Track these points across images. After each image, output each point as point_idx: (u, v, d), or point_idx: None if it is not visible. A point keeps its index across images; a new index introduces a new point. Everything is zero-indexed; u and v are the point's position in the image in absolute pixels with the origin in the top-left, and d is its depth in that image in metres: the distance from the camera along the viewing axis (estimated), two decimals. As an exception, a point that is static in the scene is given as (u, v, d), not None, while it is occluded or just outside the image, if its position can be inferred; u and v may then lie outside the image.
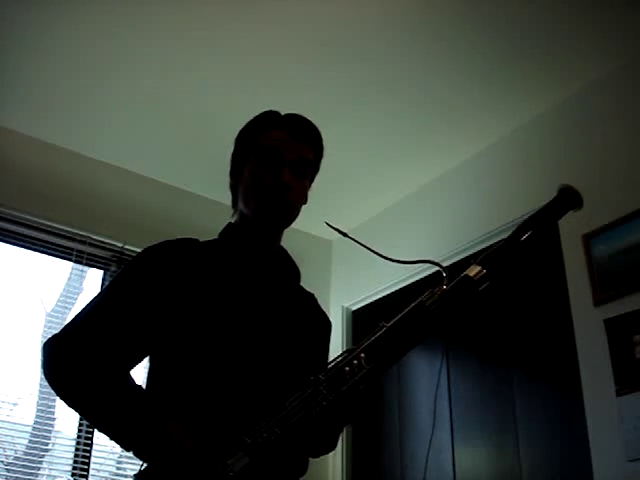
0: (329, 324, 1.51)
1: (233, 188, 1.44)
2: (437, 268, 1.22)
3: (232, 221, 1.44)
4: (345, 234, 1.34)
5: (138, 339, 1.26)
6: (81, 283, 3.40)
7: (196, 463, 1.09)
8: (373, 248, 1.35)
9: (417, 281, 3.34)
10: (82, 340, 1.22)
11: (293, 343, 1.33)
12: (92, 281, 3.39)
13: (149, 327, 1.26)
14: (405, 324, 1.18)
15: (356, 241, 1.34)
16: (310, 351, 1.38)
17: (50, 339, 1.24)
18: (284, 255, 1.45)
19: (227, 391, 1.21)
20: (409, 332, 1.18)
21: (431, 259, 1.27)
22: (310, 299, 1.49)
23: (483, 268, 1.21)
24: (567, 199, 1.26)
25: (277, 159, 1.33)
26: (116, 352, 1.23)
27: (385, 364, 1.17)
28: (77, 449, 3.02)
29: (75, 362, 1.20)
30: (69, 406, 1.21)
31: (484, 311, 3.01)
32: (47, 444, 3.07)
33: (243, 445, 1.08)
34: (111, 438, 1.19)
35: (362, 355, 1.15)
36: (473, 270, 1.21)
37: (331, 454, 1.58)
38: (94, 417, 1.19)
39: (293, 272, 1.45)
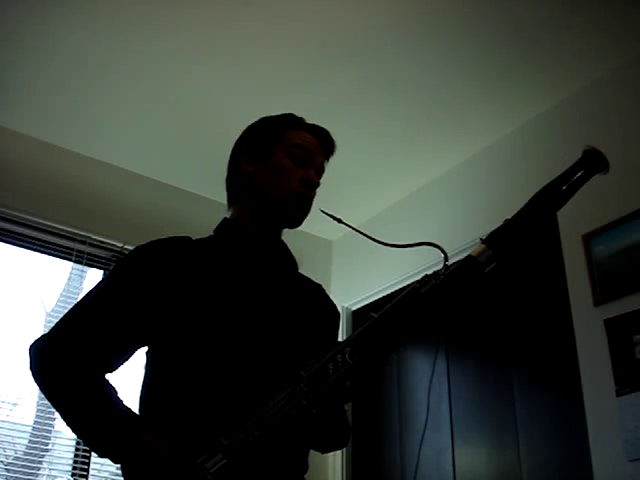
0: (337, 314, 1.49)
1: (243, 174, 1.40)
2: (439, 267, 1.16)
3: (228, 216, 1.42)
4: (339, 220, 1.32)
5: (123, 339, 1.25)
6: (81, 283, 3.40)
7: (171, 470, 1.08)
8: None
9: (418, 280, 3.33)
10: (65, 343, 1.22)
11: (296, 334, 1.30)
12: (92, 281, 3.39)
13: (136, 326, 1.25)
14: (396, 314, 1.10)
15: (351, 227, 1.32)
16: (317, 341, 1.34)
17: (35, 341, 1.24)
18: (282, 247, 1.44)
19: (227, 388, 1.20)
20: (399, 322, 1.10)
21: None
22: (317, 289, 1.48)
23: (489, 247, 1.11)
24: (592, 162, 1.12)
25: (308, 160, 1.37)
26: (99, 354, 1.23)
27: (372, 358, 1.10)
28: (77, 449, 3.03)
29: (56, 366, 1.20)
30: (53, 407, 1.22)
31: (484, 311, 3.01)
32: (47, 444, 3.07)
33: (221, 446, 1.05)
34: (86, 444, 1.19)
35: (347, 349, 1.09)
36: (478, 250, 1.11)
37: (331, 454, 1.57)
38: (71, 422, 1.19)
39: (290, 262, 1.44)
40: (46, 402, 3.04)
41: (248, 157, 1.40)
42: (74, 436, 3.05)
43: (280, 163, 1.36)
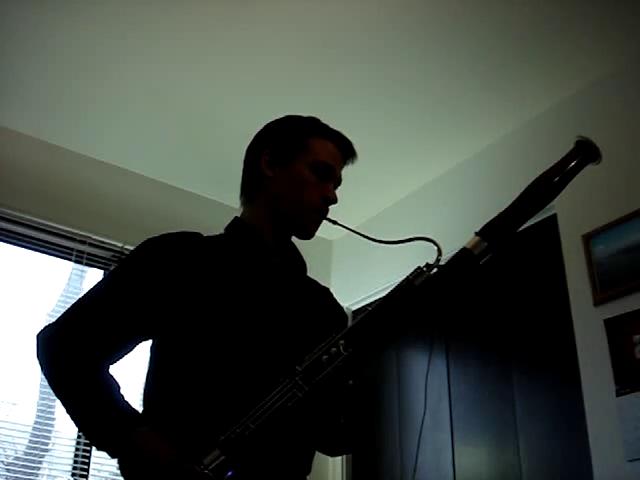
0: (345, 317, 1.50)
1: (262, 176, 1.39)
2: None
3: (239, 215, 1.42)
4: (335, 222, 1.36)
5: (131, 331, 1.26)
6: (81, 283, 3.40)
7: (165, 468, 1.09)
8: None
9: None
10: (72, 332, 1.23)
11: (300, 335, 1.30)
12: (92, 281, 3.39)
13: (144, 319, 1.26)
14: (389, 306, 1.12)
15: (345, 227, 1.34)
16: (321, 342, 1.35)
17: (43, 328, 1.26)
18: (292, 249, 1.44)
19: (229, 385, 1.20)
20: (393, 314, 1.11)
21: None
22: (325, 293, 1.49)
23: (484, 239, 1.12)
24: (584, 152, 1.14)
25: (329, 175, 1.38)
26: (105, 345, 1.24)
27: (366, 349, 1.11)
28: (77, 449, 3.02)
29: (62, 355, 1.22)
30: (56, 397, 1.23)
31: (485, 311, 3.01)
32: (47, 444, 3.07)
33: (217, 442, 1.06)
34: (85, 436, 1.21)
35: (341, 342, 1.10)
36: (472, 242, 1.12)
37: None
38: (71, 413, 1.20)
39: (299, 265, 1.44)
40: (46, 402, 3.04)
41: (270, 160, 1.39)
42: (74, 436, 3.06)
43: (302, 175, 1.36)
